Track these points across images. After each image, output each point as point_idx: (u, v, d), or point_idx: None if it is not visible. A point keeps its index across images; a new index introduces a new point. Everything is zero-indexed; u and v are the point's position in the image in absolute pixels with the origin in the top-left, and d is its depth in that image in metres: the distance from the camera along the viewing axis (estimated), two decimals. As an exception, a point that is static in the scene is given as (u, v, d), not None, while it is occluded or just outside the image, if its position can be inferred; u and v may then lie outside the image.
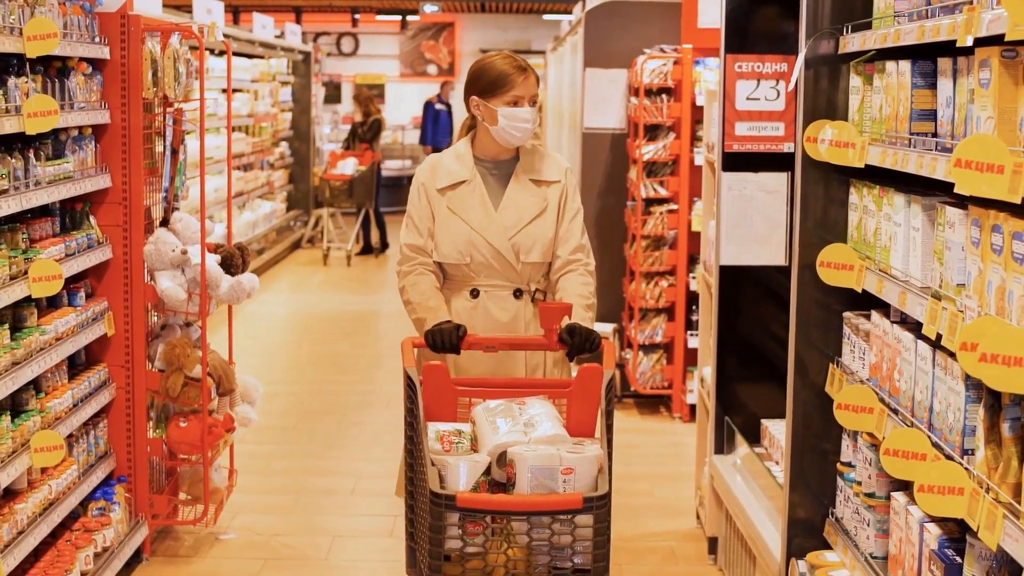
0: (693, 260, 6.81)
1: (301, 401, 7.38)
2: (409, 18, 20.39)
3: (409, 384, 3.18)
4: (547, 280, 3.78)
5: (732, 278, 4.77)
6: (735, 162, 4.67)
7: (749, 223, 4.66)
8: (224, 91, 10.28)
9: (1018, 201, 2.18)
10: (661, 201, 7.01)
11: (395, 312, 10.06)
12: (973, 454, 2.50)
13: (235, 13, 17.88)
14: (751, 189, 4.65)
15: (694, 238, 6.65)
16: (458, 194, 3.71)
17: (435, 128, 16.96)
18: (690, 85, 6.78)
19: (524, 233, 3.69)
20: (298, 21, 18.59)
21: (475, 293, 3.71)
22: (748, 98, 4.62)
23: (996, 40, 2.32)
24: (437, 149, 16.70)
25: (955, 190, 2.39)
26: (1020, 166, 2.18)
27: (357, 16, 20.24)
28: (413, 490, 3.14)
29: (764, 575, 3.98)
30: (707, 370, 5.02)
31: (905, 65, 2.90)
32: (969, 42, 2.42)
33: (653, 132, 7.02)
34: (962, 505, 2.44)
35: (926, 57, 2.86)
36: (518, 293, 3.72)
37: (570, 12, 14.82)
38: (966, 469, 2.48)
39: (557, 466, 2.95)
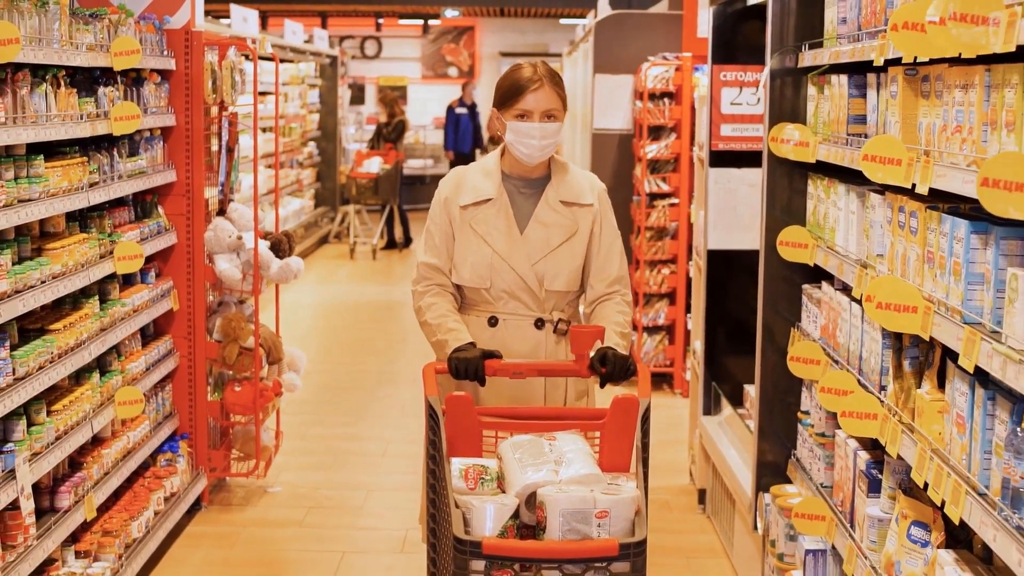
0: (693, 249, 7.45)
1: (334, 379, 8.06)
2: (431, 22, 21.07)
3: (431, 415, 3.00)
4: (572, 309, 3.56)
5: (719, 261, 5.43)
6: (721, 159, 5.35)
7: (734, 212, 5.32)
8: (262, 94, 10.99)
9: (909, 186, 2.82)
10: (663, 196, 7.66)
11: (419, 301, 10.74)
12: (886, 389, 3.15)
13: (263, 19, 18.58)
14: (735, 183, 5.31)
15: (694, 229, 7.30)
16: (482, 213, 3.47)
17: (456, 133, 17.22)
18: (690, 90, 7.42)
19: (550, 260, 3.45)
20: (324, 26, 19.28)
21: (493, 321, 3.47)
22: (732, 103, 5.28)
23: (901, 61, 2.96)
24: (459, 153, 17.19)
25: (877, 180, 3.03)
26: (913, 160, 2.83)
27: (380, 20, 20.95)
28: (436, 528, 2.95)
29: (740, 512, 4.63)
30: (698, 343, 5.66)
31: (843, 78, 3.54)
32: (882, 62, 3.07)
33: (656, 133, 7.68)
34: (876, 427, 3.10)
35: (861, 72, 3.50)
36: (539, 323, 3.47)
37: (585, 16, 15.46)
38: (880, 400, 3.13)
39: (591, 509, 2.74)
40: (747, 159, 5.28)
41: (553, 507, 2.75)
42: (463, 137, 17.19)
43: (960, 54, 2.40)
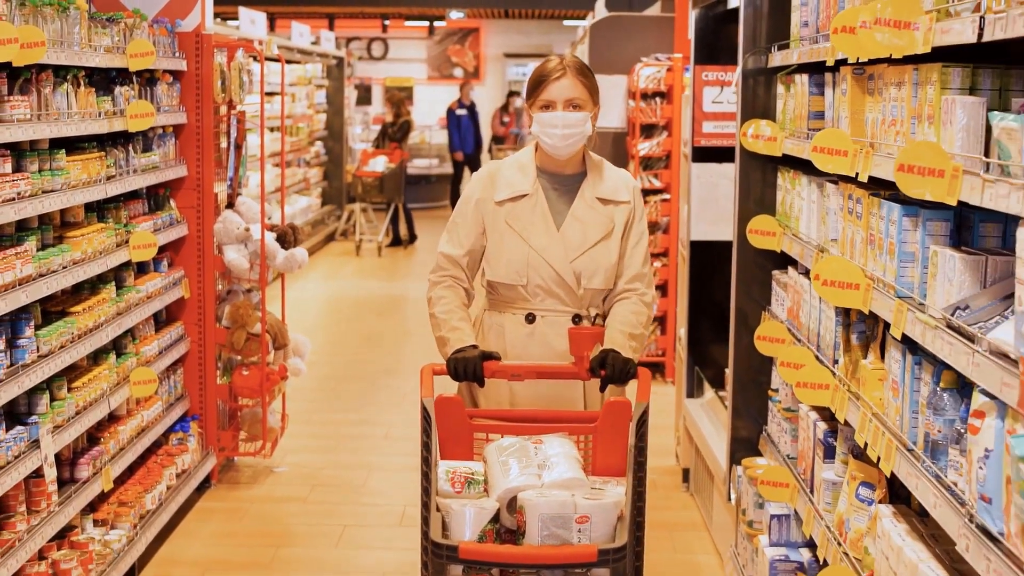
0: (678, 240, 7.73)
1: (338, 369, 8.36)
2: (436, 24, 21.40)
3: (425, 416, 2.97)
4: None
5: (702, 252, 5.71)
6: (703, 155, 5.64)
7: (716, 205, 5.60)
8: (269, 94, 11.30)
9: (853, 175, 3.10)
10: (656, 191, 7.95)
11: (422, 297, 11.00)
12: (839, 362, 3.43)
13: (271, 20, 18.89)
14: (716, 177, 5.59)
15: (684, 224, 7.58)
16: (518, 208, 3.43)
17: (459, 134, 17.32)
18: (681, 89, 7.69)
19: (587, 256, 3.41)
20: (331, 27, 19.60)
21: (531, 318, 3.43)
22: (713, 102, 5.56)
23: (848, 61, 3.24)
24: (466, 154, 17.43)
25: (827, 169, 3.31)
26: (857, 151, 3.11)
27: (387, 22, 21.27)
28: (427, 531, 2.90)
29: (718, 487, 4.91)
30: (682, 330, 5.95)
31: (805, 77, 3.83)
32: (833, 62, 3.35)
33: (649, 131, 7.97)
34: (827, 396, 3.38)
35: (821, 72, 3.78)
36: (577, 319, 3.43)
37: (585, 18, 15.76)
38: (832, 372, 3.42)
39: (571, 514, 2.71)
40: (728, 154, 5.55)
41: (532, 511, 2.72)
42: (465, 137, 17.40)
43: (891, 55, 2.69)
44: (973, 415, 2.27)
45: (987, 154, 2.37)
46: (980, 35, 2.23)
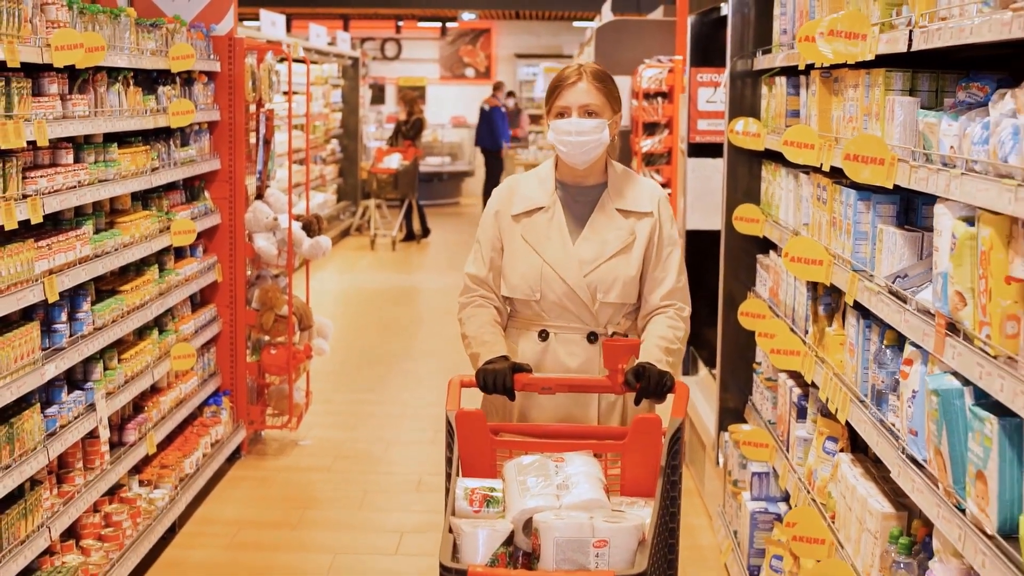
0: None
1: (356, 354, 8.81)
2: (448, 24, 21.85)
3: (449, 431, 2.92)
4: (629, 322, 3.36)
5: (697, 240, 6.14)
6: (698, 150, 6.07)
7: (709, 197, 6.04)
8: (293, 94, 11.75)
9: (818, 165, 3.54)
10: (657, 186, 8.39)
11: (435, 288, 11.50)
12: (809, 332, 3.87)
13: (288, 22, 19.33)
14: (710, 171, 6.03)
15: (683, 217, 8.01)
16: (534, 222, 3.32)
17: (503, 127, 17.69)
18: (681, 90, 8.12)
19: (603, 270, 3.27)
20: (345, 28, 20.05)
21: (544, 335, 3.31)
22: (708, 101, 6.00)
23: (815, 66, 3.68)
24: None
25: (798, 161, 3.75)
26: (822, 145, 3.55)
27: (400, 23, 21.74)
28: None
29: (709, 456, 5.35)
30: (679, 313, 6.38)
31: (783, 79, 4.26)
32: (804, 67, 3.79)
33: (651, 129, 8.41)
34: (797, 361, 3.82)
35: (797, 75, 4.22)
36: (592, 337, 3.30)
37: (593, 19, 16.19)
38: (803, 341, 3.86)
39: (588, 538, 2.58)
40: (720, 150, 5.98)
41: (547, 534, 2.60)
42: (504, 133, 17.79)
43: (845, 61, 3.12)
44: (904, 363, 2.71)
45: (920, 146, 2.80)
46: (910, 45, 2.66)
